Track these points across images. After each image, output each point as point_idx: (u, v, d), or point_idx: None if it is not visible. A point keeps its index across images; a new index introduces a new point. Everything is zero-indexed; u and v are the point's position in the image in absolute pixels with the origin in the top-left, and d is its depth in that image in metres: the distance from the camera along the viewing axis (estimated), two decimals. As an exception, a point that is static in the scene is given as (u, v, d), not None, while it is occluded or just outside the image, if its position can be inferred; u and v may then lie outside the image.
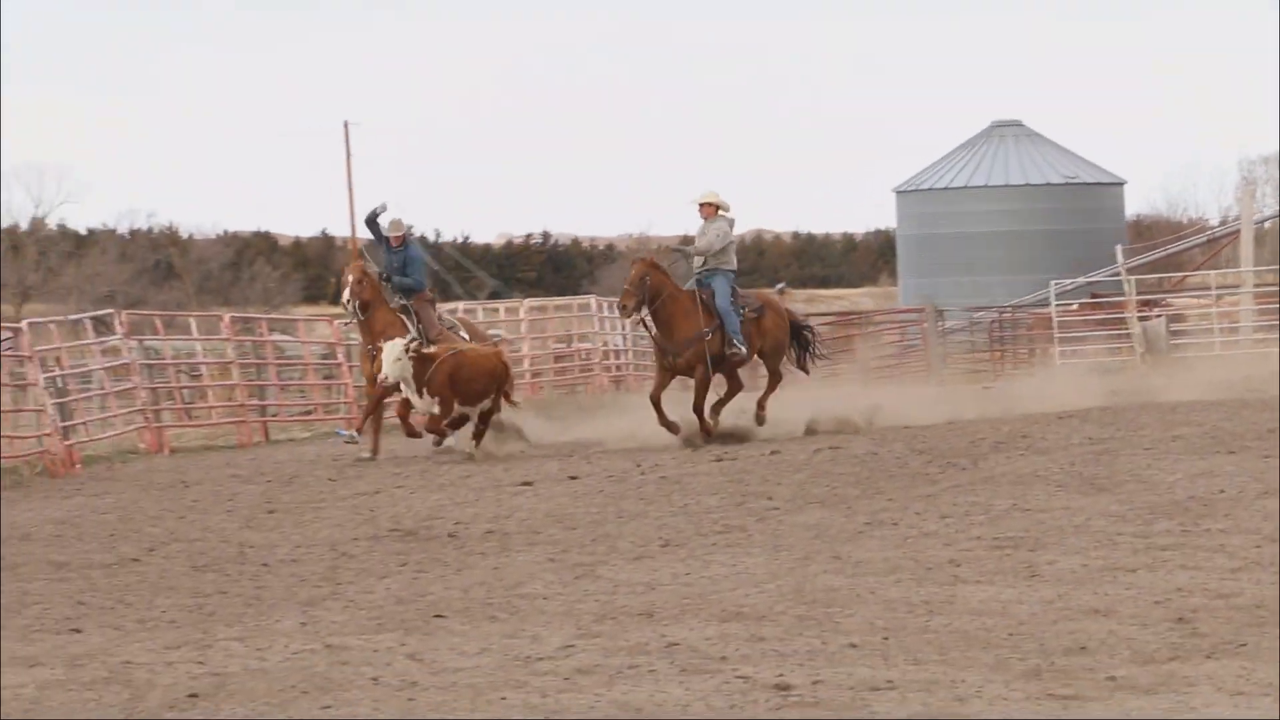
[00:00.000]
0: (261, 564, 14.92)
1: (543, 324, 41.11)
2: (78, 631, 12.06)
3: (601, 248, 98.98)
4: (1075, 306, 47.56)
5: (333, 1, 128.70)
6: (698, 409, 23.66)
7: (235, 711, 9.54)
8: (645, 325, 24.25)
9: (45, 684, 10.31)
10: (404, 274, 24.32)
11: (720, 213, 24.16)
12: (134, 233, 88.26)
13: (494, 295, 70.97)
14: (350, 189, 75.06)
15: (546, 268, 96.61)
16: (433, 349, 22.90)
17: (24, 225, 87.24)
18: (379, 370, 22.95)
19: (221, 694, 9.95)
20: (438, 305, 25.73)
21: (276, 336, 34.74)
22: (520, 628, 11.71)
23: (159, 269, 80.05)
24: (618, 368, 40.30)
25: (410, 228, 25.20)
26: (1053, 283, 47.53)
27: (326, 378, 33.29)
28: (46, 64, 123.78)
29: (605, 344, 40.72)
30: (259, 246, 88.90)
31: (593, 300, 43.39)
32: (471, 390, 22.79)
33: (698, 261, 24.12)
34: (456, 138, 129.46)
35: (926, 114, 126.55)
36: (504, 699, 9.68)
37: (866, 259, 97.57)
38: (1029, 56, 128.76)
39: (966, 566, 13.54)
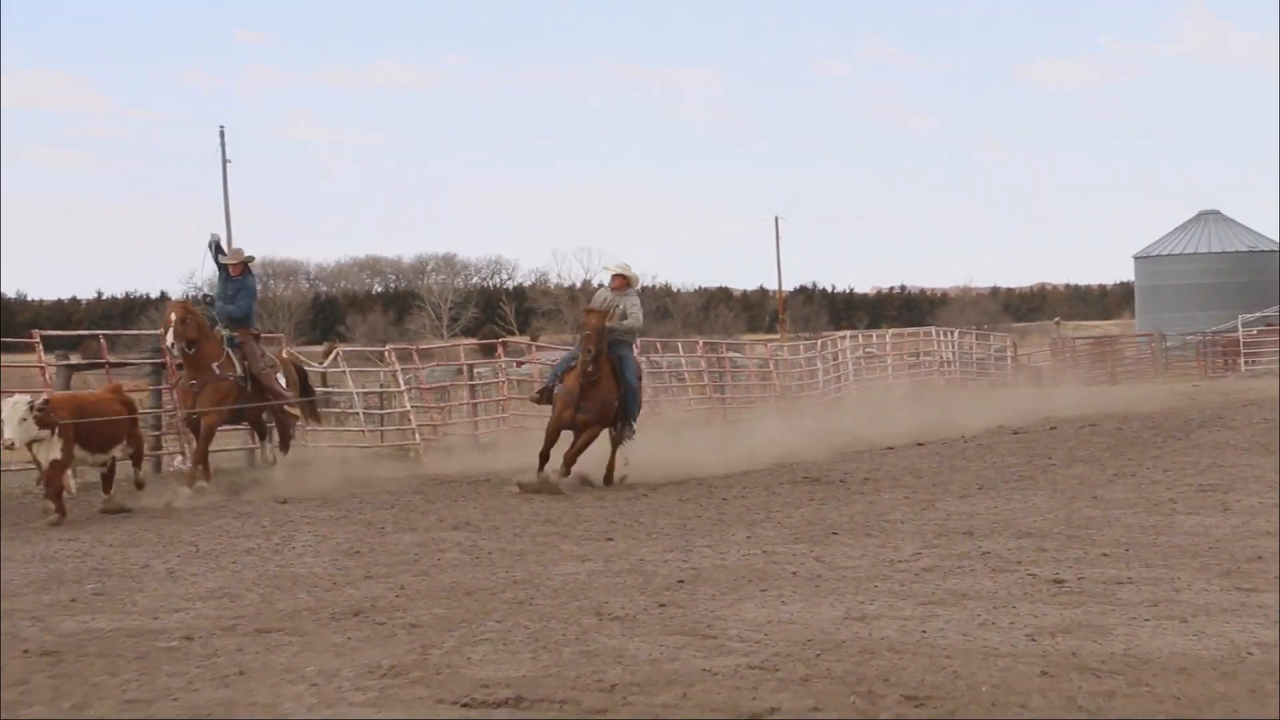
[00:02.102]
0: (721, 498, 15.06)
1: (900, 345, 41.24)
2: (610, 540, 12.29)
3: (938, 295, 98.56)
4: (1254, 332, 45.83)
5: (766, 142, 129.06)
6: (571, 458, 16.38)
7: (708, 591, 9.68)
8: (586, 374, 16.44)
9: (592, 573, 10.54)
10: (233, 302, 17.19)
11: (629, 286, 16.77)
12: (643, 288, 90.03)
13: (869, 326, 71.46)
14: (779, 265, 77.85)
15: (903, 307, 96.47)
16: (50, 398, 14.47)
17: (578, 285, 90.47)
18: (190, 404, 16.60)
19: (698, 580, 10.10)
20: (262, 339, 17.83)
21: (730, 354, 35.04)
22: (886, 541, 11.67)
23: (658, 311, 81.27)
24: (948, 373, 40.20)
25: (250, 258, 17.57)
26: (1240, 316, 46.31)
27: (762, 379, 33.44)
28: (584, 176, 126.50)
29: (940, 358, 40.81)
30: (720, 296, 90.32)
31: (933, 329, 43.59)
32: (95, 438, 14.61)
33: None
34: (846, 227, 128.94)
35: (1152, 204, 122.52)
36: (876, 586, 9.67)
37: (1115, 301, 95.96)
38: (1227, 162, 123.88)
39: (1181, 503, 13.13)
